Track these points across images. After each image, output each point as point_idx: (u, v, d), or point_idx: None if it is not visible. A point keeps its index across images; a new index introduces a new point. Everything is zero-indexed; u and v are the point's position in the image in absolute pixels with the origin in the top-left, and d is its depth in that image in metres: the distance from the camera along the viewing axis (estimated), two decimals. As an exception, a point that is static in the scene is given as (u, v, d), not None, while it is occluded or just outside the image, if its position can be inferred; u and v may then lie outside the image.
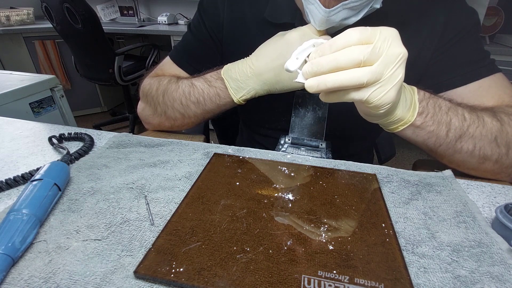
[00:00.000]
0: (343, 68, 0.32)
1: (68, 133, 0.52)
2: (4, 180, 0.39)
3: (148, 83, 0.59)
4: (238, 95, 0.50)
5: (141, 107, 0.61)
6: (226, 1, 0.56)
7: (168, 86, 0.55)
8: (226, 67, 0.51)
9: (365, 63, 0.32)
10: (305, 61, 0.36)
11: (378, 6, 0.42)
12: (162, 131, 0.62)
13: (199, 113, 0.55)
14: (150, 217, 0.34)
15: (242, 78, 0.48)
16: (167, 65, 0.63)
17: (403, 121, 0.41)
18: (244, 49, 0.51)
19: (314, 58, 0.34)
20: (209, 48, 0.61)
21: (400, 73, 0.33)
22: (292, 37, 0.44)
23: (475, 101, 0.49)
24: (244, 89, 0.49)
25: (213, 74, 0.52)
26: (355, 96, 0.34)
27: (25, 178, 0.40)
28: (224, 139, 0.92)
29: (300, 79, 0.35)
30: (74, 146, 0.49)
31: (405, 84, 0.42)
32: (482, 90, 0.49)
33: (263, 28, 0.54)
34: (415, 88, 0.43)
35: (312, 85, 0.33)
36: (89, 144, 0.49)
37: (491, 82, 0.49)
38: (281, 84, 0.47)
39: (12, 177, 0.40)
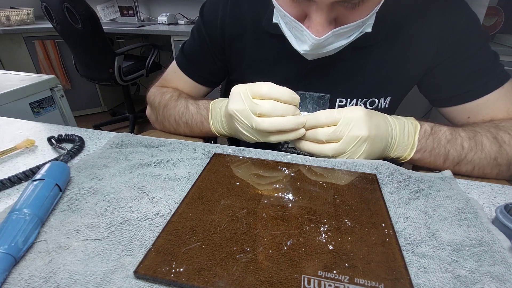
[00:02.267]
0: (313, 141, 0.45)
1: (66, 135, 0.52)
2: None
3: (153, 94, 0.64)
4: (215, 127, 0.54)
5: (148, 112, 0.67)
6: (229, 8, 0.56)
7: (169, 102, 0.59)
8: (216, 100, 0.56)
9: (331, 141, 0.43)
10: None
11: (369, 30, 0.44)
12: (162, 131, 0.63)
13: (188, 133, 0.58)
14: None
15: (218, 116, 0.53)
16: (173, 70, 0.66)
17: (400, 158, 0.47)
18: (242, 58, 0.51)
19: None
20: (209, 54, 0.62)
21: (362, 149, 0.43)
22: (230, 112, 0.46)
23: (482, 114, 0.51)
24: (218, 123, 0.53)
25: (205, 102, 0.56)
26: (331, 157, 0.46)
27: (20, 179, 0.40)
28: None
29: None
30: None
31: (410, 121, 0.46)
32: (490, 104, 0.50)
33: (260, 38, 0.55)
34: (418, 126, 0.45)
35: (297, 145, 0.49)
36: (78, 146, 0.49)
37: (499, 95, 0.50)
38: (238, 137, 0.52)
39: (7, 177, 0.40)
